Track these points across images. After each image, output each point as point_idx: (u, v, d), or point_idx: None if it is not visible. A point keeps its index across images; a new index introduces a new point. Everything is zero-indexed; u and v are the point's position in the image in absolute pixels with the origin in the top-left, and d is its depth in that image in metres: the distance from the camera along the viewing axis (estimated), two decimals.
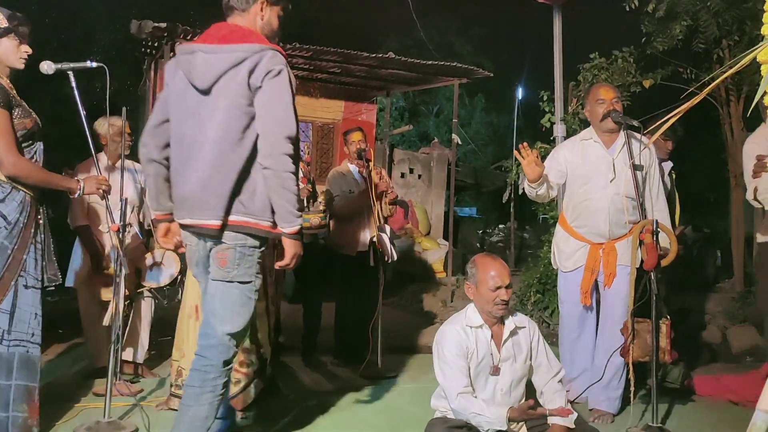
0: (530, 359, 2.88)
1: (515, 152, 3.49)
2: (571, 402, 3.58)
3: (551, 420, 2.75)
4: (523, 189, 3.67)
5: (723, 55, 5.80)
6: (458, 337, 2.76)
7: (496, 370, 2.78)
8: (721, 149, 7.07)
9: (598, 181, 3.52)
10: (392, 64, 7.31)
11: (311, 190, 4.66)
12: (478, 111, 18.83)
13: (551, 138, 5.88)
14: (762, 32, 1.40)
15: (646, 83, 6.04)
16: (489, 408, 2.64)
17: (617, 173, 3.49)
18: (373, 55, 6.98)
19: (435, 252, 9.05)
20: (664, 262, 3.19)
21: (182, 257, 4.14)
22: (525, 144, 3.44)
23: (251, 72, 2.32)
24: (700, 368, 4.53)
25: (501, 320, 2.83)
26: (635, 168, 3.35)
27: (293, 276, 4.62)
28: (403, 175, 10.29)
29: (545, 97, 6.08)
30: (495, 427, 2.62)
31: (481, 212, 16.38)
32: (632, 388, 3.27)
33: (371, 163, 4.46)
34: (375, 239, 4.40)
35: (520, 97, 13.29)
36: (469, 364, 2.75)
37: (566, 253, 3.67)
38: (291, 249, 2.40)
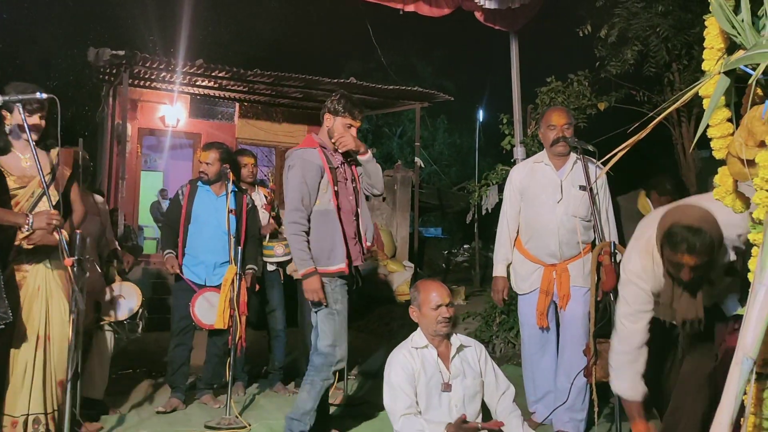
0: (481, 376, 2.94)
1: None
2: (538, 424, 3.63)
3: None
4: (487, 209, 3.77)
5: (673, 78, 6.01)
6: (403, 361, 2.85)
7: (447, 387, 2.85)
8: (674, 168, 7.28)
9: (546, 202, 3.61)
10: (354, 89, 7.38)
11: (275, 217, 4.65)
12: (440, 132, 19.05)
13: (512, 160, 5.98)
14: (703, 68, 1.47)
15: (601, 106, 6.21)
16: (431, 425, 2.69)
17: (564, 194, 3.58)
18: (335, 81, 7.04)
19: (401, 274, 9.06)
20: None
21: (144, 290, 4.08)
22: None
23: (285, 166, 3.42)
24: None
25: (447, 339, 2.93)
26: (587, 190, 3.44)
27: (258, 303, 4.57)
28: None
29: (505, 120, 6.19)
30: None
31: (446, 232, 16.50)
32: (596, 409, 3.32)
33: None
34: None
35: (481, 119, 13.52)
36: (416, 385, 2.82)
37: (522, 275, 3.74)
38: (305, 287, 3.23)
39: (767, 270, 1.17)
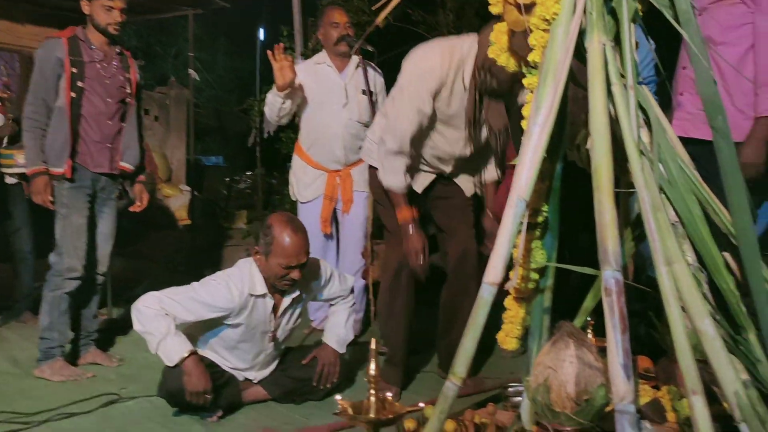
0: (315, 298, 2.86)
1: (269, 53, 3.32)
2: (316, 329, 3.63)
3: (324, 339, 2.81)
4: (269, 132, 3.85)
5: None
6: (228, 305, 2.51)
7: (272, 338, 2.68)
8: None
9: (331, 106, 3.53)
10: None
11: (15, 120, 3.93)
12: (220, 54, 18.09)
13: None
14: None
15: (380, 23, 6.25)
16: (174, 337, 2.46)
17: (349, 98, 3.53)
18: None
19: (178, 198, 8.54)
20: None
21: None
22: (281, 45, 3.33)
23: None
24: None
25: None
26: (368, 94, 3.43)
27: None
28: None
29: (285, 33, 6.01)
30: (179, 354, 2.45)
31: (227, 161, 15.91)
32: (373, 308, 3.41)
33: None
34: None
35: (262, 38, 12.97)
36: (237, 328, 2.59)
37: (304, 182, 3.65)
38: (30, 188, 3.07)
39: (542, 110, 1.16)
